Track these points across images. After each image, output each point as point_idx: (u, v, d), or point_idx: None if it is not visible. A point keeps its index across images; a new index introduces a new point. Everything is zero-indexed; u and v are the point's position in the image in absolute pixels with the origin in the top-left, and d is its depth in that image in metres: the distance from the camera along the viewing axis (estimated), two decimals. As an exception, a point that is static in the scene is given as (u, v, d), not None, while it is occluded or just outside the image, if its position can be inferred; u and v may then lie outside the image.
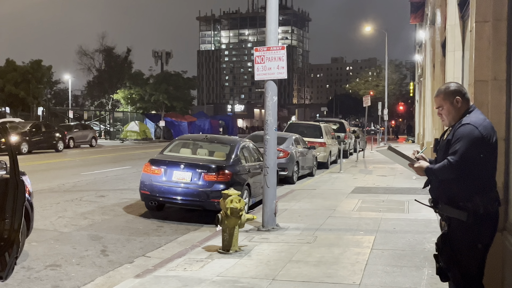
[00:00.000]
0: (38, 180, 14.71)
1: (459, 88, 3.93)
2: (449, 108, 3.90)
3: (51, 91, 71.34)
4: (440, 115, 4.01)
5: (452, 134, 3.78)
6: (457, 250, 3.77)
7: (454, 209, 3.76)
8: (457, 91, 3.91)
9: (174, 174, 9.95)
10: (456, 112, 3.89)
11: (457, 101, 3.87)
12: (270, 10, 8.73)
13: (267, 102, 8.79)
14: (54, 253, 7.42)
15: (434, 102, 4.02)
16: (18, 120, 30.60)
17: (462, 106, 3.88)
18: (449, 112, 3.91)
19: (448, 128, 4.03)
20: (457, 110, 3.88)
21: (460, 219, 3.73)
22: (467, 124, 3.71)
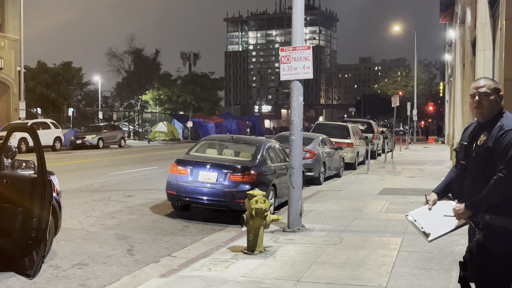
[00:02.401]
0: (68, 179, 14.95)
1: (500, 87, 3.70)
2: (494, 101, 3.59)
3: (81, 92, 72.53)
4: (478, 104, 3.59)
5: (494, 141, 3.45)
6: (495, 262, 3.46)
7: (500, 216, 3.45)
8: (500, 89, 3.66)
9: (200, 174, 9.99)
10: (496, 108, 3.60)
11: (501, 98, 3.64)
12: (296, 10, 8.69)
13: (293, 102, 8.75)
14: (81, 252, 7.51)
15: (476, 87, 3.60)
16: (49, 120, 31.14)
17: (500, 105, 3.65)
18: (492, 105, 3.58)
19: (471, 129, 3.73)
20: (497, 107, 3.61)
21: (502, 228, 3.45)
22: (509, 130, 3.43)
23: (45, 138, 28.32)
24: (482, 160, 3.50)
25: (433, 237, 3.67)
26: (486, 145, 3.48)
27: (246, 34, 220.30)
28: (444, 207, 3.77)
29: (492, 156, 3.45)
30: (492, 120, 3.56)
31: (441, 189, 3.88)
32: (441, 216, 3.71)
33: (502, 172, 3.37)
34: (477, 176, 3.55)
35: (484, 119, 3.61)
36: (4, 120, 30.57)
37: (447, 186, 3.87)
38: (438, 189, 3.89)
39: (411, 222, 3.75)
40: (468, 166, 3.62)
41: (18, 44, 31.74)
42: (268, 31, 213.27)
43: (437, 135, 56.60)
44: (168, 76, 57.05)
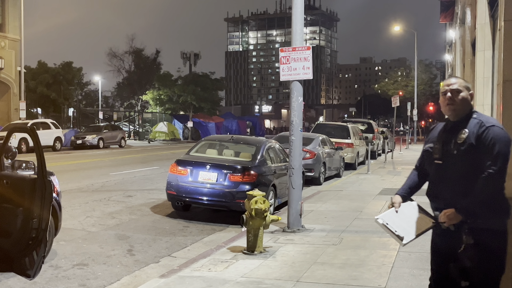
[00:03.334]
0: (68, 180, 14.97)
1: (470, 86, 3.68)
2: (466, 99, 3.54)
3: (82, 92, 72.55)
4: (451, 101, 3.53)
5: (476, 138, 3.37)
6: (494, 265, 3.42)
7: (487, 219, 3.37)
8: (470, 88, 3.63)
9: (200, 175, 10.00)
10: (468, 107, 3.55)
11: (471, 96, 3.59)
12: (295, 11, 8.70)
13: (293, 102, 8.76)
14: (81, 252, 7.52)
15: (448, 84, 3.58)
16: (49, 121, 31.16)
17: (470, 103, 3.58)
18: (464, 101, 3.53)
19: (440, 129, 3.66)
20: (468, 105, 3.56)
21: (490, 230, 3.38)
22: (493, 126, 3.39)
23: (45, 138, 28.33)
24: (465, 158, 3.41)
25: (407, 240, 3.57)
26: (469, 142, 3.40)
27: (246, 34, 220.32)
28: (408, 209, 3.69)
29: (476, 153, 3.38)
30: (465, 118, 3.52)
31: (405, 191, 3.79)
32: (408, 218, 3.63)
33: (491, 169, 3.30)
34: (459, 175, 3.45)
35: (457, 117, 3.55)
36: (5, 120, 30.61)
37: (410, 188, 3.81)
38: (402, 191, 3.80)
39: (383, 225, 3.60)
40: (447, 165, 3.51)
41: (18, 44, 31.76)
42: (269, 31, 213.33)
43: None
44: (169, 76, 57.07)
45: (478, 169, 3.35)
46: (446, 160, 3.52)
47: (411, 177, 3.87)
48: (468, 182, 3.38)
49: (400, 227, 3.58)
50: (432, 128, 3.88)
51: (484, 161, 3.34)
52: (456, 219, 3.39)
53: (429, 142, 3.73)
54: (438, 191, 3.58)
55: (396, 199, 3.74)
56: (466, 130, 3.44)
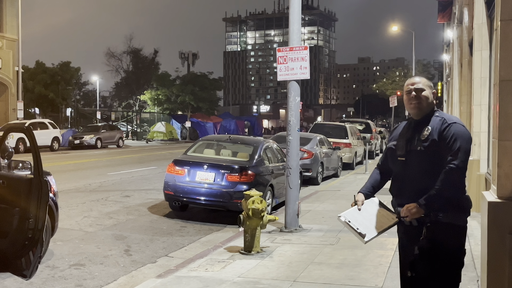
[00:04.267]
0: (66, 180, 14.95)
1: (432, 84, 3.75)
2: (429, 96, 3.60)
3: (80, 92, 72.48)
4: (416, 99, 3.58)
5: (439, 134, 3.45)
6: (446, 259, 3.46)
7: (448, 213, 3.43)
8: (433, 86, 3.70)
9: (198, 175, 9.99)
10: (431, 105, 3.62)
11: (434, 94, 3.66)
12: (293, 10, 8.70)
13: (290, 102, 8.76)
14: (78, 253, 7.51)
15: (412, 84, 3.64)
16: (47, 121, 31.12)
17: (433, 102, 3.65)
18: (427, 99, 3.59)
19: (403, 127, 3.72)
20: (432, 103, 3.63)
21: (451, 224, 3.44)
22: (455, 123, 3.47)
23: (43, 138, 28.33)
24: (427, 154, 3.46)
25: (369, 237, 3.58)
26: (432, 139, 3.47)
27: (244, 34, 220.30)
28: (371, 206, 3.70)
29: (438, 149, 3.44)
30: (428, 116, 3.58)
31: (368, 189, 3.79)
32: (371, 216, 3.65)
33: (452, 163, 3.36)
34: (421, 171, 3.49)
35: (420, 115, 3.61)
36: (3, 120, 30.52)
37: (373, 186, 3.81)
38: (364, 189, 3.80)
39: (345, 223, 3.60)
40: (410, 162, 3.55)
41: (16, 44, 31.69)
42: (267, 31, 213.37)
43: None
44: (167, 76, 56.98)
45: (440, 165, 3.41)
46: (409, 157, 3.56)
47: (373, 176, 3.89)
48: (430, 178, 3.43)
49: (362, 225, 3.59)
50: (395, 127, 3.91)
51: (446, 157, 3.41)
52: (418, 213, 3.43)
53: (392, 140, 3.77)
54: (401, 188, 3.62)
55: (359, 197, 3.74)
56: (429, 127, 3.51)
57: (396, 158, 3.66)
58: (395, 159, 3.68)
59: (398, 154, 3.65)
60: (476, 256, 6.57)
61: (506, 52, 4.55)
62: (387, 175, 3.85)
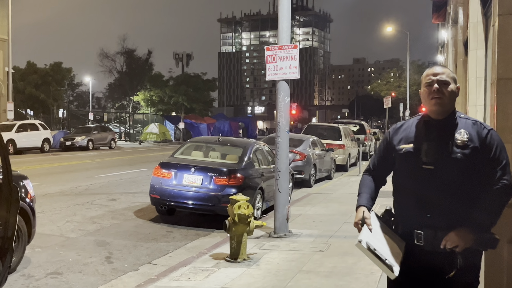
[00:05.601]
0: (52, 182, 14.61)
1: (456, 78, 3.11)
2: (454, 93, 2.98)
3: (73, 93, 72.05)
4: (439, 93, 2.93)
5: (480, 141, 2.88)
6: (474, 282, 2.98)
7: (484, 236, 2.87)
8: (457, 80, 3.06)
9: (185, 178, 9.67)
10: (454, 102, 3.02)
11: (458, 90, 3.01)
12: (282, 8, 8.39)
13: (279, 103, 8.46)
14: (57, 260, 7.17)
15: (434, 74, 2.98)
16: (37, 122, 30.71)
17: (455, 99, 3.06)
18: (452, 96, 2.97)
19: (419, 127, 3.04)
20: (455, 101, 3.02)
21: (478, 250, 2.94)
22: (493, 130, 2.94)
23: (33, 140, 27.93)
24: (466, 164, 2.86)
25: (397, 270, 2.80)
26: (473, 146, 2.87)
27: (239, 35, 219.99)
28: (376, 225, 2.98)
29: (479, 159, 2.87)
30: (454, 116, 2.99)
31: (369, 202, 3.13)
32: (382, 238, 2.92)
33: (505, 180, 2.84)
34: (456, 183, 2.88)
35: (443, 113, 2.97)
36: (-8, 121, 30.12)
37: (371, 197, 3.17)
38: (366, 202, 3.12)
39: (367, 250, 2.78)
40: (441, 172, 2.89)
41: (6, 44, 31.27)
42: (262, 32, 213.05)
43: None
44: (160, 77, 56.63)
45: (475, 179, 2.89)
46: (440, 166, 2.89)
47: (367, 184, 3.24)
48: (466, 192, 2.88)
49: (384, 252, 2.82)
50: (400, 126, 3.19)
51: (487, 169, 2.87)
52: (471, 241, 2.81)
53: (403, 142, 3.07)
54: (425, 204, 2.93)
55: (367, 213, 3.02)
56: (465, 130, 2.91)
57: (418, 165, 2.96)
58: (416, 166, 2.97)
59: (424, 160, 2.94)
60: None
61: (505, 48, 4.27)
62: (381, 182, 3.29)
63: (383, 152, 3.24)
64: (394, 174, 3.17)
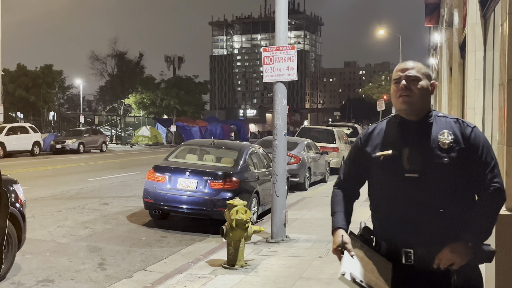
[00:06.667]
0: (42, 186, 14.35)
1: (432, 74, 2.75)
2: (427, 90, 2.65)
3: (64, 96, 71.53)
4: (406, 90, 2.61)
5: (466, 141, 2.57)
6: None
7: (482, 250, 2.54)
8: (432, 77, 2.71)
9: (179, 182, 9.47)
10: (428, 100, 2.68)
11: (432, 87, 2.67)
12: (279, 8, 8.22)
13: (276, 105, 8.28)
14: (48, 267, 6.95)
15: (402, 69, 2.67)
16: (28, 125, 30.34)
17: (430, 97, 2.74)
18: (424, 94, 2.63)
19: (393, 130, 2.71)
20: (429, 98, 2.69)
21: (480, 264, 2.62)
22: (476, 127, 2.60)
23: (23, 143, 27.59)
24: (456, 168, 2.53)
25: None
26: (459, 147, 2.55)
27: (231, 38, 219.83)
28: (356, 247, 2.62)
29: (467, 162, 2.55)
30: (429, 116, 2.65)
31: (346, 222, 2.76)
32: (365, 263, 2.55)
33: (496, 183, 2.53)
34: (446, 191, 2.53)
35: (415, 113, 2.64)
36: (-18, 125, 29.70)
37: (347, 216, 2.80)
38: (343, 224, 2.73)
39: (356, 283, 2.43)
40: (427, 180, 2.54)
41: (-5, 46, 30.90)
42: (253, 35, 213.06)
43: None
44: (152, 80, 56.35)
45: (467, 184, 2.56)
46: (426, 173, 2.55)
47: (340, 201, 2.86)
48: (459, 202, 2.54)
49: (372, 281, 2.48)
50: (371, 130, 2.83)
51: (477, 173, 2.55)
52: (468, 257, 2.46)
53: (377, 148, 2.71)
54: (411, 217, 2.56)
55: (346, 237, 2.63)
56: (448, 131, 2.59)
57: (400, 174, 2.60)
58: (397, 175, 2.61)
59: (407, 168, 2.59)
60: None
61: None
62: (354, 196, 2.90)
63: (355, 161, 2.85)
64: (371, 186, 2.78)
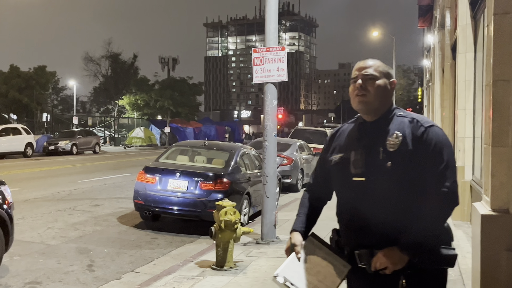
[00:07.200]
0: (33, 188, 14.30)
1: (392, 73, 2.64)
2: (385, 89, 2.54)
3: (58, 97, 71.32)
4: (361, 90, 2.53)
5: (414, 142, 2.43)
6: None
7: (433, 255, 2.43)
8: (392, 75, 2.61)
9: (170, 183, 9.44)
10: (388, 100, 2.56)
11: (392, 86, 2.57)
12: (269, 9, 8.21)
13: (266, 106, 8.27)
14: (36, 269, 6.90)
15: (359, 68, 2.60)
16: (20, 126, 30.21)
17: (391, 96, 2.60)
18: (381, 93, 2.52)
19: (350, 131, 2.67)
20: (388, 98, 2.57)
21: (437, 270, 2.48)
22: (433, 126, 2.45)
23: (15, 144, 27.49)
24: (401, 171, 2.39)
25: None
26: (406, 149, 2.41)
27: (226, 40, 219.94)
28: (311, 250, 2.58)
29: (414, 164, 2.40)
30: (386, 116, 2.54)
31: (304, 226, 2.70)
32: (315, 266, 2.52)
33: (445, 187, 2.36)
34: (392, 195, 2.41)
35: (372, 113, 2.55)
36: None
37: (308, 220, 2.74)
38: (300, 226, 2.69)
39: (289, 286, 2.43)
40: (374, 184, 2.44)
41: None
42: (248, 36, 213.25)
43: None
44: (145, 81, 56.20)
45: (417, 186, 2.41)
46: (371, 177, 2.46)
47: (305, 204, 2.81)
48: (405, 206, 2.41)
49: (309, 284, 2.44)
50: (335, 131, 2.80)
51: (425, 175, 2.40)
52: (402, 263, 2.36)
53: (335, 152, 2.66)
54: (359, 222, 2.50)
55: (296, 239, 2.61)
56: (398, 132, 2.46)
57: (348, 178, 2.55)
58: (346, 179, 2.56)
59: (353, 172, 2.53)
60: (464, 271, 6.13)
61: (501, 49, 4.12)
62: (323, 200, 2.84)
63: (321, 164, 2.79)
64: (334, 189, 2.74)
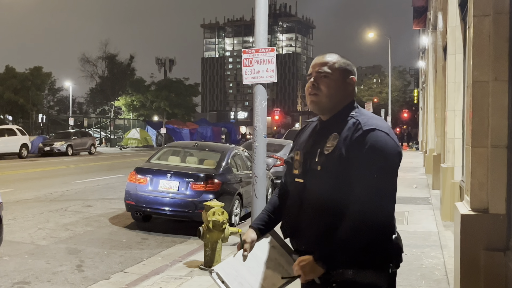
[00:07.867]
0: (27, 188, 14.31)
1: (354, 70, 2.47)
2: (338, 86, 2.38)
3: (54, 98, 71.25)
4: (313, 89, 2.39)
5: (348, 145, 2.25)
6: None
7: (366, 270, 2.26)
8: (354, 72, 2.45)
9: (161, 184, 9.47)
10: (342, 98, 2.40)
11: (351, 83, 2.42)
12: (259, 11, 8.23)
13: (256, 107, 8.29)
14: (25, 269, 6.93)
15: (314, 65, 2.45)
16: (15, 127, 30.20)
17: (351, 94, 2.44)
18: (333, 91, 2.36)
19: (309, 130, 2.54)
20: (345, 95, 2.40)
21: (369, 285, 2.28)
22: (374, 130, 2.25)
23: (10, 145, 27.48)
24: (330, 177, 2.25)
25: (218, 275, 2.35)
26: (340, 152, 2.25)
27: (223, 41, 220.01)
28: (263, 250, 2.46)
29: (347, 169, 2.23)
30: (340, 116, 2.37)
31: (262, 222, 2.55)
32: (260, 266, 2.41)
33: (361, 199, 2.17)
34: (323, 202, 2.27)
35: (325, 112, 2.40)
36: (-31, 127, 29.53)
37: (269, 216, 2.57)
38: (257, 222, 2.55)
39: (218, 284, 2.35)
40: (309, 187, 2.33)
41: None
42: (245, 37, 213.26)
43: (407, 141, 56.56)
44: (142, 82, 56.26)
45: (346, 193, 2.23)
46: (308, 179, 2.35)
47: (271, 201, 2.67)
48: (336, 212, 2.24)
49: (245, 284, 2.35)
50: (302, 128, 2.66)
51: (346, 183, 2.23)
52: (314, 273, 2.22)
53: (292, 150, 2.58)
54: (296, 224, 2.40)
55: (248, 235, 2.48)
56: (336, 134, 2.31)
57: (292, 178, 2.46)
58: (291, 179, 2.47)
59: (295, 173, 2.44)
60: (449, 270, 6.19)
61: (480, 50, 4.17)
62: None
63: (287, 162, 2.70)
64: None
